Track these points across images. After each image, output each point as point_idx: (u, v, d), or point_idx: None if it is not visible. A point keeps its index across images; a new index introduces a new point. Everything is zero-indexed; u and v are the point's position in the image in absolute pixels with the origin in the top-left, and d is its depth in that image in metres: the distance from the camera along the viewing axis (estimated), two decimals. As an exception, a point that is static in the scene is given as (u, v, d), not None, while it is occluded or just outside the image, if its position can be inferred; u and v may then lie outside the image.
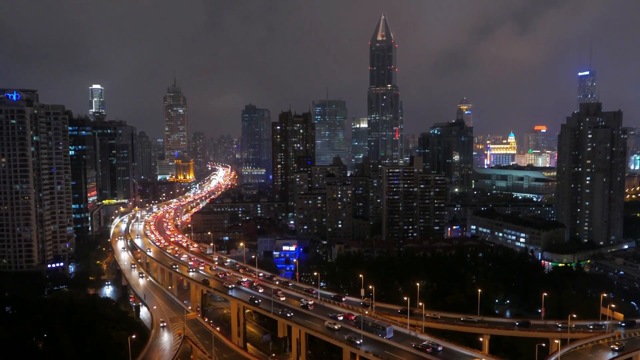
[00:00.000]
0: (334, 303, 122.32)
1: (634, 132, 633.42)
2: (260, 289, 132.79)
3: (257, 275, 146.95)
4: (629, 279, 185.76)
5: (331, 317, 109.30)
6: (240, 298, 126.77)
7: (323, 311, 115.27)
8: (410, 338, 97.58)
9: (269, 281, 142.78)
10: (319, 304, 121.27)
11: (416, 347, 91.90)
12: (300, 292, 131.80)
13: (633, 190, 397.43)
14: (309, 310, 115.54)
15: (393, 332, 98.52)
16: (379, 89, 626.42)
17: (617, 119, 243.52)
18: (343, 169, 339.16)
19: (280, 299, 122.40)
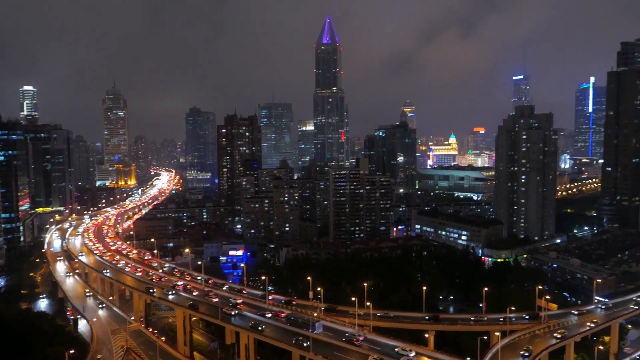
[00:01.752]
0: (262, 301, 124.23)
1: (563, 133, 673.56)
2: (214, 297, 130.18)
3: (202, 282, 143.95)
4: (561, 271, 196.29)
5: (259, 315, 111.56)
6: (185, 306, 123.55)
7: (253, 310, 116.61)
8: (340, 332, 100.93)
9: (216, 287, 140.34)
10: (249, 302, 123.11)
11: (345, 340, 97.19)
12: (251, 297, 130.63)
13: (563, 188, 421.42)
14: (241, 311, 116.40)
15: (322, 327, 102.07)
16: (324, 91, 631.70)
17: (549, 120, 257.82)
18: (290, 171, 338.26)
19: (237, 304, 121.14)
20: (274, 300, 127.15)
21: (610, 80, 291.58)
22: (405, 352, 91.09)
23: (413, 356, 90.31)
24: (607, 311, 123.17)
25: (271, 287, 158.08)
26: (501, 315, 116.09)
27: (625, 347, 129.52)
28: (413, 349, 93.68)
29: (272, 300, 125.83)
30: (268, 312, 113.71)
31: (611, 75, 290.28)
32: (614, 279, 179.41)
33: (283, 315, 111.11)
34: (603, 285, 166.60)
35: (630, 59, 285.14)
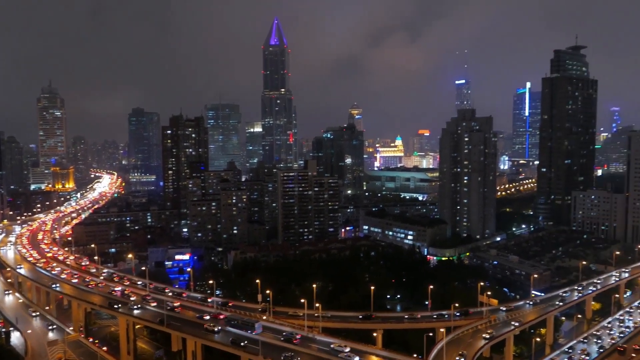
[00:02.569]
0: (202, 304, 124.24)
1: (502, 135, 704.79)
2: (152, 302, 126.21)
3: (142, 286, 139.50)
4: (501, 267, 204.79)
5: (198, 318, 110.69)
6: (128, 313, 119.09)
7: (193, 313, 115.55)
8: (277, 331, 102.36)
9: (161, 292, 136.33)
10: (187, 305, 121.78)
11: (283, 339, 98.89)
12: (195, 302, 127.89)
13: (503, 188, 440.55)
14: (178, 314, 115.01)
15: (262, 328, 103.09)
16: (272, 93, 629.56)
17: (489, 123, 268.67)
18: (238, 173, 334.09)
19: (174, 308, 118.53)
20: (214, 302, 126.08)
21: (545, 85, 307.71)
22: (340, 349, 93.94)
23: (348, 351, 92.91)
24: (542, 304, 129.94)
25: (219, 291, 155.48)
26: (435, 313, 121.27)
27: (560, 338, 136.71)
28: (349, 345, 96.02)
29: (212, 303, 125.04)
30: (206, 315, 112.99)
31: (545, 81, 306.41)
32: (549, 274, 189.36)
33: (222, 317, 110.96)
34: (539, 280, 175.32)
35: (562, 66, 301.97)
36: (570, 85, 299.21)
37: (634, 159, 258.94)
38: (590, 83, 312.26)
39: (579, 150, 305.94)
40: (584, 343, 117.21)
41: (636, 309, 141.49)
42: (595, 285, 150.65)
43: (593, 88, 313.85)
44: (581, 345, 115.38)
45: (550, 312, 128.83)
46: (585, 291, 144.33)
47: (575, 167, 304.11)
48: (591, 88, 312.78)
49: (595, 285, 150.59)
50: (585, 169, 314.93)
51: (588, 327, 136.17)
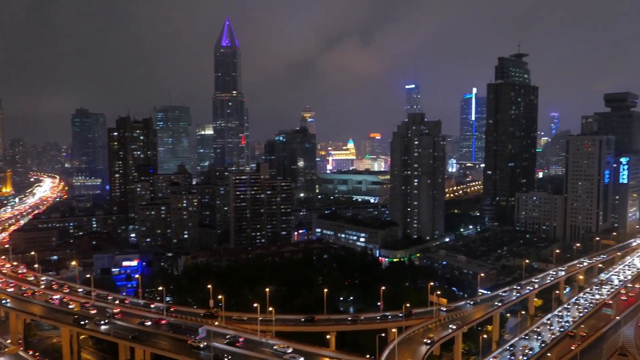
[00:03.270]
0: (144, 309, 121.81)
1: (450, 139, 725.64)
2: (92, 309, 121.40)
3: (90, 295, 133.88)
4: (450, 267, 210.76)
5: (139, 324, 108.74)
6: (71, 323, 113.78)
7: (131, 319, 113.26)
8: (221, 335, 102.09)
9: (103, 300, 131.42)
10: (127, 311, 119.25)
11: (227, 342, 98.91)
12: (137, 308, 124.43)
13: (451, 190, 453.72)
14: (118, 320, 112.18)
15: (206, 332, 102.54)
16: (224, 95, 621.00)
17: (437, 127, 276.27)
18: (188, 177, 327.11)
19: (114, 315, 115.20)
20: (156, 308, 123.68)
21: (490, 91, 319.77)
22: (283, 350, 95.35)
23: (291, 352, 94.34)
24: (482, 304, 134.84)
25: (169, 298, 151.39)
26: (377, 314, 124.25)
27: (505, 334, 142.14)
28: (291, 346, 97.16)
29: (155, 309, 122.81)
30: (147, 320, 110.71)
31: (490, 87, 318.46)
32: (495, 273, 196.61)
33: (164, 322, 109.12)
34: (486, 279, 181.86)
35: (506, 72, 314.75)
36: (513, 91, 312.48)
37: (572, 162, 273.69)
38: (531, 89, 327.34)
39: (521, 153, 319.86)
40: (525, 340, 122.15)
41: (573, 305, 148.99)
42: (533, 285, 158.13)
43: (534, 94, 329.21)
44: (523, 342, 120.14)
45: (495, 310, 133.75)
46: (524, 291, 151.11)
47: (518, 170, 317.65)
48: (532, 94, 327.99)
49: (532, 285, 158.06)
50: (528, 171, 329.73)
51: (531, 323, 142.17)
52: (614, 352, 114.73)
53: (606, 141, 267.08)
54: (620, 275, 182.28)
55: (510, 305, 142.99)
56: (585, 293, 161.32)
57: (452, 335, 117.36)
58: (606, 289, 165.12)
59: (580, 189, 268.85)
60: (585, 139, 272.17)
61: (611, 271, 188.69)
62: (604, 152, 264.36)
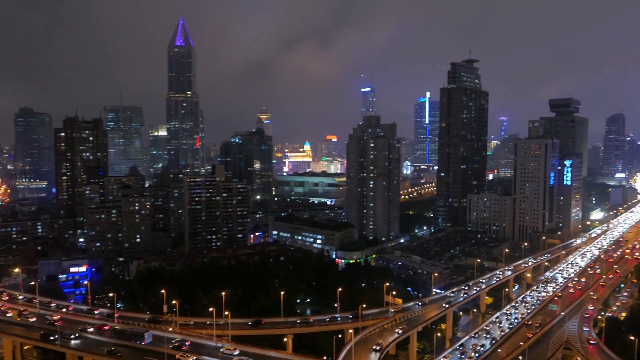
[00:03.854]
0: (87, 316, 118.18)
1: (405, 141, 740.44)
2: (32, 317, 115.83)
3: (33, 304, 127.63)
4: (405, 268, 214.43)
5: (81, 330, 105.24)
6: (15, 333, 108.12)
7: (74, 325, 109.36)
8: (169, 340, 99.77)
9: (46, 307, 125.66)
10: (69, 318, 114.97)
11: (172, 346, 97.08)
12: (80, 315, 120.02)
13: (406, 192, 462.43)
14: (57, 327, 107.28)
15: (152, 337, 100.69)
16: (178, 95, 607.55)
17: (393, 130, 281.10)
18: (141, 179, 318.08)
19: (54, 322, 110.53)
20: (101, 314, 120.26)
21: (442, 95, 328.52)
22: (229, 352, 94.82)
23: (237, 354, 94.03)
24: (430, 305, 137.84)
25: (120, 304, 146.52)
26: (327, 316, 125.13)
27: (458, 332, 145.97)
28: (238, 348, 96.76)
29: (99, 315, 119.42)
30: (90, 327, 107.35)
31: (443, 91, 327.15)
32: (448, 272, 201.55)
33: (107, 328, 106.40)
34: (439, 279, 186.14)
35: (458, 77, 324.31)
36: (465, 96, 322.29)
37: (520, 164, 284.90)
38: (482, 94, 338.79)
39: (473, 156, 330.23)
40: (475, 338, 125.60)
41: (521, 303, 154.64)
42: (480, 285, 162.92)
43: (485, 99, 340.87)
44: (473, 341, 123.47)
45: (444, 311, 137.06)
46: (471, 291, 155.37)
47: (470, 172, 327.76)
48: (483, 99, 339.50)
49: (480, 285, 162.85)
50: (479, 173, 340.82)
51: (482, 320, 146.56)
52: (559, 346, 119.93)
53: (551, 144, 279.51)
54: (564, 273, 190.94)
55: (457, 306, 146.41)
56: (532, 291, 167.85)
57: (407, 334, 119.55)
58: (551, 286, 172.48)
59: (528, 190, 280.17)
60: (532, 143, 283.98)
61: (556, 269, 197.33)
62: (549, 155, 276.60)
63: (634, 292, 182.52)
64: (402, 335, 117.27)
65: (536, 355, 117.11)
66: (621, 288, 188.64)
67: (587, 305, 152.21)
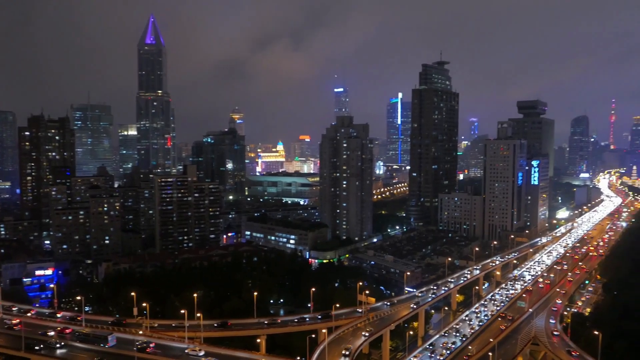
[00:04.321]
0: (49, 319, 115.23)
1: (378, 142, 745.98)
2: None
3: None
4: (378, 267, 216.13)
5: (41, 334, 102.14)
6: None
7: (34, 329, 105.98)
8: (131, 342, 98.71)
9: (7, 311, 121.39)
10: (30, 322, 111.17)
11: (137, 348, 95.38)
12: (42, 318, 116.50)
13: (378, 192, 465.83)
14: (16, 332, 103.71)
15: (116, 340, 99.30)
16: (148, 94, 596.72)
17: (365, 130, 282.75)
18: (110, 179, 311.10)
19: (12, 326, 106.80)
20: (64, 317, 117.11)
21: (414, 96, 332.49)
22: (194, 353, 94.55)
23: (202, 355, 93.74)
24: (398, 305, 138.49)
25: (88, 308, 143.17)
26: (296, 317, 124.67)
27: (430, 330, 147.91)
28: (205, 349, 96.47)
29: (61, 318, 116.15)
30: (50, 331, 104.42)
31: (415, 92, 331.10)
32: (420, 271, 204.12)
33: (68, 332, 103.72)
34: (412, 277, 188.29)
35: (429, 79, 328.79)
36: (436, 97, 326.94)
37: (489, 164, 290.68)
38: (452, 95, 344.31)
39: (444, 156, 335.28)
40: (445, 337, 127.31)
41: (490, 301, 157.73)
42: (449, 285, 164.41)
43: (455, 100, 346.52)
44: (442, 339, 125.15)
45: (414, 312, 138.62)
46: (439, 291, 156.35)
47: (441, 172, 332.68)
48: (453, 100, 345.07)
49: (448, 285, 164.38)
50: (450, 173, 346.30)
51: (453, 318, 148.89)
52: (527, 342, 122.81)
53: (519, 145, 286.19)
54: (532, 270, 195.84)
55: (426, 306, 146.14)
56: (501, 289, 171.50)
57: (380, 333, 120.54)
58: (519, 284, 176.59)
59: (497, 190, 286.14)
60: (500, 143, 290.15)
61: (523, 267, 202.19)
62: (517, 155, 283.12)
63: (598, 288, 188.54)
64: (374, 335, 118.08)
65: (505, 351, 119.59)
66: (586, 284, 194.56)
67: (553, 301, 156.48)
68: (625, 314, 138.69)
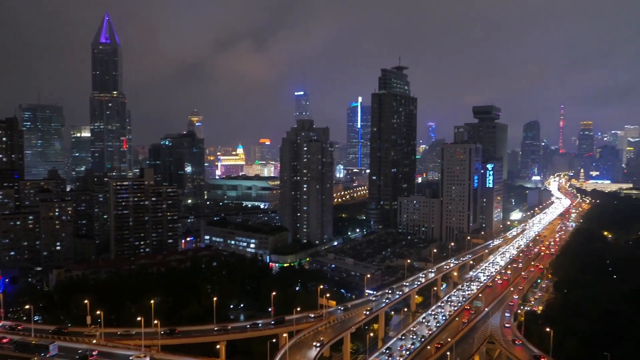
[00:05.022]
0: None
1: (338, 145, 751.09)
2: None
3: None
4: (338, 270, 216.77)
5: None
6: None
7: None
8: (73, 350, 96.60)
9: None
10: None
11: (78, 357, 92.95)
12: None
13: (339, 195, 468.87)
14: None
15: (58, 349, 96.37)
16: (103, 95, 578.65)
17: (326, 134, 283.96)
18: (61, 183, 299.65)
19: None
20: (3, 327, 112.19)
21: (374, 100, 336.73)
22: None
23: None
24: (352, 309, 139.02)
25: (38, 317, 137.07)
26: (247, 323, 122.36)
27: (390, 332, 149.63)
28: (148, 355, 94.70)
29: (1, 328, 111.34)
30: None
31: (374, 96, 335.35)
32: (380, 273, 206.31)
33: (5, 342, 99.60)
34: (372, 280, 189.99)
35: (388, 83, 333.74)
36: (395, 102, 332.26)
37: (446, 168, 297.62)
38: (411, 100, 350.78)
39: (403, 160, 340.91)
40: (401, 340, 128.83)
41: (446, 302, 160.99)
42: (403, 289, 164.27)
43: (413, 104, 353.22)
44: (399, 342, 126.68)
45: (381, 309, 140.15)
46: (393, 297, 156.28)
47: (400, 175, 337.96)
48: (412, 104, 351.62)
49: (402, 289, 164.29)
50: (409, 177, 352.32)
51: (413, 319, 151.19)
52: (483, 340, 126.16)
53: (475, 149, 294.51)
54: (486, 272, 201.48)
55: (382, 310, 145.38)
56: (457, 290, 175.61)
57: (342, 336, 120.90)
58: (475, 284, 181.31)
59: (454, 192, 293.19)
60: (457, 147, 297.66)
61: (478, 269, 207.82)
62: (473, 159, 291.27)
63: (549, 287, 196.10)
64: (335, 338, 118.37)
65: (462, 350, 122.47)
66: (538, 283, 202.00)
67: (508, 300, 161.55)
68: (575, 311, 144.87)
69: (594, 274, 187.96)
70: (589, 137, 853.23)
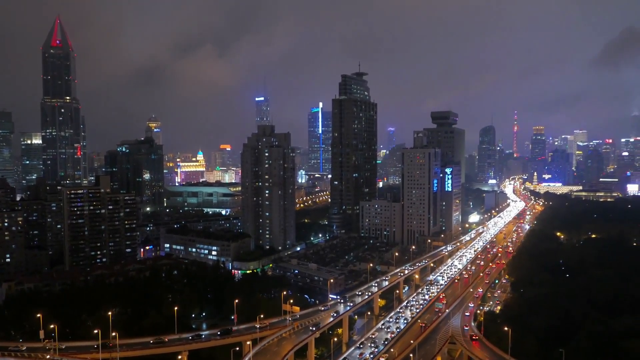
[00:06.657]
0: None
1: (299, 151, 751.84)
2: None
3: None
4: (302, 275, 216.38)
5: None
6: None
7: None
8: None
9: None
10: None
11: None
12: None
13: (301, 200, 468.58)
14: None
15: None
16: (55, 101, 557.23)
17: (287, 139, 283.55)
18: (11, 192, 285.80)
19: None
20: None
21: (334, 106, 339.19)
22: None
23: None
24: (300, 319, 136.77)
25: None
26: (190, 334, 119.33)
27: (354, 335, 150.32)
28: None
29: None
30: None
31: (335, 102, 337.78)
32: (344, 278, 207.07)
33: None
34: (335, 284, 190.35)
35: (349, 89, 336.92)
36: (356, 107, 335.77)
37: (406, 172, 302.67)
38: (371, 105, 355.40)
39: (364, 165, 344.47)
40: (359, 348, 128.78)
41: (406, 308, 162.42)
42: (355, 299, 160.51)
43: (374, 110, 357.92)
44: (357, 351, 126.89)
45: (345, 314, 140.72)
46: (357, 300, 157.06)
47: (361, 180, 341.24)
48: (372, 110, 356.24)
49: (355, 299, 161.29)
50: (370, 181, 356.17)
51: (376, 322, 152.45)
52: (445, 341, 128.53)
53: (434, 154, 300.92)
54: (445, 275, 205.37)
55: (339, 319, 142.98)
56: (418, 293, 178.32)
57: (305, 342, 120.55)
58: (435, 287, 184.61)
59: (414, 196, 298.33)
60: (417, 152, 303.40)
61: (438, 272, 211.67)
62: (432, 163, 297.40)
63: (506, 287, 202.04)
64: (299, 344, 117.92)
65: (425, 352, 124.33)
66: (496, 284, 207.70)
67: (467, 302, 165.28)
68: (532, 310, 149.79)
69: (548, 274, 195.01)
70: (541, 141, 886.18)
